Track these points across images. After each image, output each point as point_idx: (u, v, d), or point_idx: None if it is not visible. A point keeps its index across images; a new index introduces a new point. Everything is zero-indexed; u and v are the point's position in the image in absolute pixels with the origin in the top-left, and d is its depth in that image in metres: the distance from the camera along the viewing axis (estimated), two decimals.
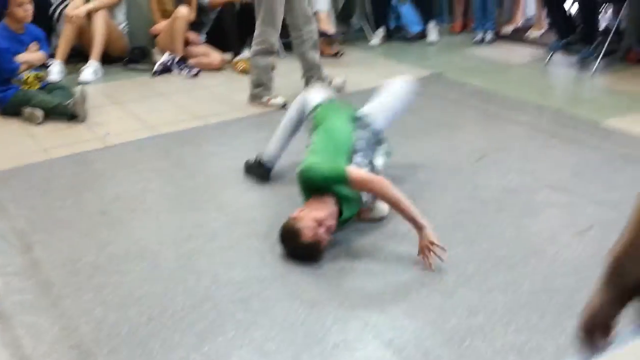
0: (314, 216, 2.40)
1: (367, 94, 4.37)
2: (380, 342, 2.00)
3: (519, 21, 6.10)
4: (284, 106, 4.10)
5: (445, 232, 2.60)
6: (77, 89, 4.11)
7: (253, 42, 4.18)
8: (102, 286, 2.34)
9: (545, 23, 5.80)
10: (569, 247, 2.47)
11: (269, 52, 4.14)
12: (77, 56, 5.21)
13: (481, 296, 2.21)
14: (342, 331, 2.06)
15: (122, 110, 4.33)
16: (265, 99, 4.24)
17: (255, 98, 4.29)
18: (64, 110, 4.02)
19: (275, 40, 4.11)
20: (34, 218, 2.85)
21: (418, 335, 2.03)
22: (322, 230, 2.40)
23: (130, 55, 5.42)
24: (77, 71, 5.00)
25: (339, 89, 4.36)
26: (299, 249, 2.42)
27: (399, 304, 2.18)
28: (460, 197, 2.91)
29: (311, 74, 4.36)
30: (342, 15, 6.13)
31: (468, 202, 2.86)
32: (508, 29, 5.99)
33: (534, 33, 5.77)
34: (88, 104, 4.13)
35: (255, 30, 4.15)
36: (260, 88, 4.26)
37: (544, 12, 5.74)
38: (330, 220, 2.44)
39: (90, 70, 4.96)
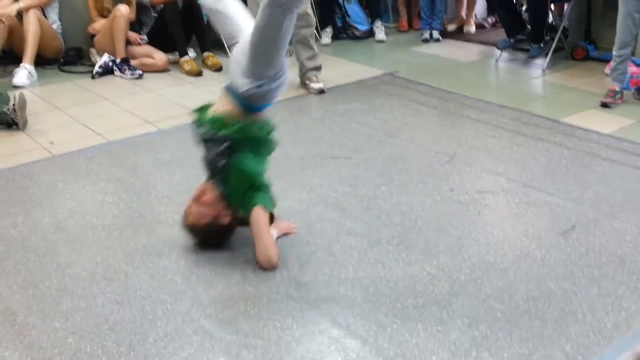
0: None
1: (327, 93, 4.31)
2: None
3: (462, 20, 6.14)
4: (322, 92, 4.31)
5: (430, 238, 2.53)
6: (15, 94, 3.80)
7: None
8: (71, 312, 2.13)
9: (472, 21, 5.90)
10: (557, 249, 2.44)
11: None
12: (6, 58, 4.87)
13: (479, 305, 2.14)
14: (341, 350, 1.94)
15: (65, 116, 4.05)
16: (308, 82, 4.40)
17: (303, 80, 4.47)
18: (2, 118, 3.71)
19: None
20: None
21: (422, 350, 1.93)
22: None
23: (65, 57, 5.11)
24: (8, 75, 4.66)
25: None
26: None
27: (396, 317, 2.08)
28: (438, 200, 2.84)
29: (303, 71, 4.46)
30: None
31: (447, 205, 2.80)
32: (452, 27, 6.02)
33: (468, 29, 5.86)
34: (27, 110, 3.84)
35: None
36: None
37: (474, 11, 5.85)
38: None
39: (23, 73, 4.62)
